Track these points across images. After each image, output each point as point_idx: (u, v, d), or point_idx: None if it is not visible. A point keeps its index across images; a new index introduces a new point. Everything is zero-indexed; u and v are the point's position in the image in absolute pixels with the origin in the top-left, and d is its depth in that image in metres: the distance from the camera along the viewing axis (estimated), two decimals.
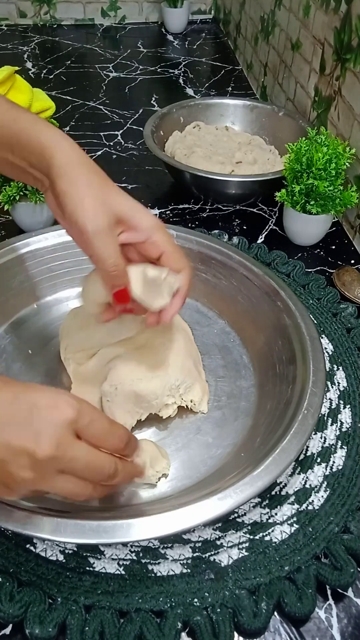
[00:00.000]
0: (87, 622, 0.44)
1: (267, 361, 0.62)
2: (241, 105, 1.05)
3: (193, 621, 0.44)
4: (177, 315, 0.64)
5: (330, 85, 0.90)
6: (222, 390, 0.62)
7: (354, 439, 0.57)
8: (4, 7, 1.68)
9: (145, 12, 1.74)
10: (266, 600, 0.45)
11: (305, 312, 0.61)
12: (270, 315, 0.63)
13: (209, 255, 0.69)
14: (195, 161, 0.90)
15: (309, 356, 0.56)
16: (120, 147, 1.09)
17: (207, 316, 0.70)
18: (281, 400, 0.55)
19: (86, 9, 1.71)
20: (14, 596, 0.45)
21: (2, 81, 0.99)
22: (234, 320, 0.69)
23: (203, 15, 1.78)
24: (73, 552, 0.48)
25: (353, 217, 0.85)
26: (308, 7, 0.98)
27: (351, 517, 0.51)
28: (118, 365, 0.56)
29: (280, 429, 0.50)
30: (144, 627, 0.44)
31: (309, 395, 0.52)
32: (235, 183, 0.87)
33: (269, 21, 1.22)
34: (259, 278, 0.66)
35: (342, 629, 0.45)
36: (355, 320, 0.70)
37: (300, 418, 0.50)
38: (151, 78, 1.40)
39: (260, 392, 0.61)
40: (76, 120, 1.18)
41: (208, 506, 0.44)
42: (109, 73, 1.41)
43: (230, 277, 0.68)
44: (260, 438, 0.53)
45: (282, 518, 0.51)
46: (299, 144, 0.77)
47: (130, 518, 0.44)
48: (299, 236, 0.82)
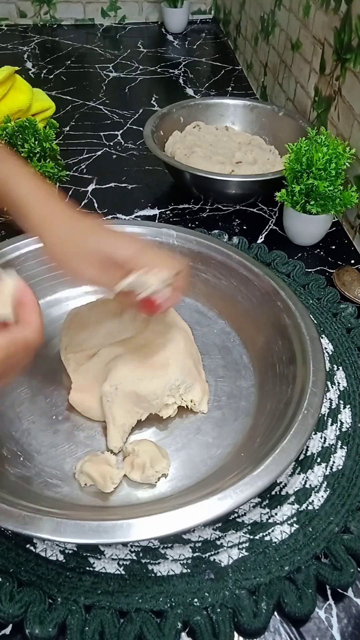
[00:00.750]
0: (87, 622, 0.44)
1: (267, 361, 0.62)
2: (241, 105, 1.05)
3: (193, 621, 0.44)
4: (177, 315, 0.64)
5: (330, 85, 0.90)
6: (222, 390, 0.62)
7: (354, 439, 0.57)
8: (4, 7, 1.68)
9: (145, 12, 1.74)
10: (266, 600, 0.45)
11: (305, 312, 0.61)
12: (270, 315, 0.63)
13: (209, 255, 0.69)
14: (195, 161, 0.90)
15: (309, 356, 0.56)
16: (120, 147, 1.09)
17: (207, 316, 0.70)
18: (281, 400, 0.55)
19: (86, 9, 1.71)
20: (14, 596, 0.45)
21: (2, 81, 0.99)
22: (234, 320, 0.69)
23: (203, 15, 1.78)
24: (73, 552, 0.48)
25: (353, 217, 0.85)
26: (308, 7, 0.98)
27: (351, 517, 0.51)
28: (118, 366, 0.56)
29: (280, 429, 0.50)
30: (144, 627, 0.44)
31: (309, 395, 0.52)
32: (235, 183, 0.87)
33: (269, 21, 1.22)
34: (259, 278, 0.66)
35: (342, 629, 0.45)
36: (355, 320, 0.70)
37: (300, 418, 0.50)
38: (151, 78, 1.40)
39: (260, 392, 0.61)
40: (76, 120, 1.18)
41: (208, 506, 0.44)
42: (109, 73, 1.41)
43: (230, 277, 0.68)
44: (260, 438, 0.53)
45: (282, 518, 0.51)
46: (299, 144, 0.77)
47: (130, 518, 0.44)
48: (299, 236, 0.82)
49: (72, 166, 1.02)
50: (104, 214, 0.89)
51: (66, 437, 0.57)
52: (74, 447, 0.56)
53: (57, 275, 0.70)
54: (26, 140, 0.83)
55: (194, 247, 0.70)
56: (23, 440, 0.56)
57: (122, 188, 0.97)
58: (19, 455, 0.55)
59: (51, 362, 0.63)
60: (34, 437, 0.57)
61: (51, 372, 0.62)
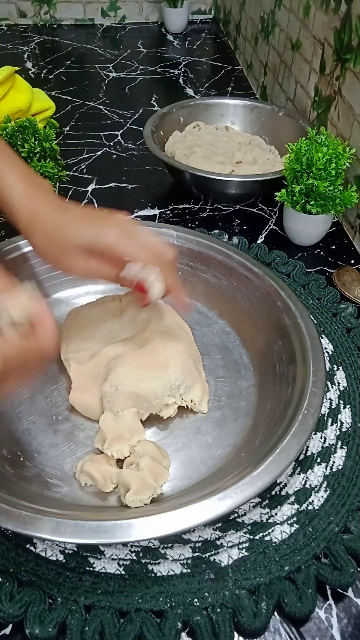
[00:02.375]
0: (87, 622, 0.44)
1: (267, 361, 0.62)
2: (241, 105, 1.05)
3: (193, 621, 0.44)
4: (177, 315, 0.64)
5: (330, 85, 0.90)
6: (222, 390, 0.62)
7: (354, 439, 0.57)
8: (4, 7, 1.68)
9: (145, 12, 1.74)
10: (266, 600, 0.45)
11: (305, 312, 0.61)
12: (271, 315, 0.63)
13: (209, 255, 0.69)
14: (195, 161, 0.90)
15: (309, 356, 0.56)
16: (120, 147, 1.09)
17: (207, 316, 0.70)
18: (281, 400, 0.55)
19: (86, 9, 1.71)
20: (14, 596, 0.45)
21: (2, 81, 0.99)
22: (234, 320, 0.69)
23: (203, 15, 1.78)
24: (73, 552, 0.48)
25: (353, 217, 0.85)
26: (308, 7, 0.98)
27: (351, 517, 0.51)
28: (118, 366, 0.56)
29: (280, 429, 0.50)
30: (144, 627, 0.44)
31: (309, 395, 0.52)
32: (235, 183, 0.87)
33: (269, 21, 1.22)
34: (259, 278, 0.65)
35: (342, 629, 0.45)
36: (355, 320, 0.70)
37: (300, 418, 0.50)
38: (151, 78, 1.40)
39: (260, 392, 0.61)
40: (76, 120, 1.18)
41: (208, 506, 0.44)
42: (109, 73, 1.41)
43: (230, 277, 0.68)
44: (260, 438, 0.53)
45: (282, 518, 0.51)
46: (299, 144, 0.77)
47: (130, 518, 0.44)
48: (299, 236, 0.82)
49: (72, 166, 1.02)
50: None
51: (66, 437, 0.57)
52: (74, 447, 0.56)
53: (58, 275, 0.71)
54: (26, 140, 0.83)
55: (194, 247, 0.70)
56: (23, 440, 0.56)
57: (122, 188, 0.97)
58: (19, 456, 0.55)
59: (51, 362, 0.63)
60: (34, 437, 0.57)
61: (51, 372, 0.62)
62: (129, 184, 0.98)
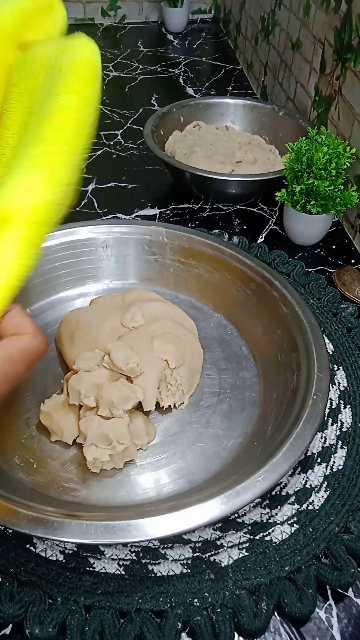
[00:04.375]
0: (87, 622, 0.44)
1: (267, 351, 0.62)
2: (241, 105, 1.05)
3: (193, 621, 0.44)
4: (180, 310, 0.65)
5: (330, 85, 0.90)
6: (226, 382, 0.62)
7: (354, 439, 0.57)
8: None
9: (145, 11, 1.74)
10: (266, 600, 0.45)
11: (301, 300, 0.62)
12: (267, 305, 0.63)
13: (200, 250, 0.70)
14: (195, 161, 0.90)
15: (310, 343, 0.56)
16: (120, 146, 1.09)
17: (202, 311, 0.70)
18: (288, 387, 0.56)
19: (86, 9, 1.71)
20: (14, 596, 0.45)
21: None
22: (230, 312, 0.69)
23: (203, 15, 1.78)
24: (73, 552, 0.48)
25: (353, 217, 0.85)
26: (308, 6, 0.98)
27: (351, 517, 0.51)
28: None
29: (292, 415, 0.51)
30: (144, 627, 0.44)
31: (315, 380, 0.53)
32: (236, 183, 0.87)
33: (269, 21, 1.22)
34: (251, 270, 0.66)
35: (342, 629, 0.45)
36: (356, 320, 0.70)
37: (311, 403, 0.51)
38: (151, 77, 1.40)
39: (265, 381, 0.61)
40: None
41: (229, 497, 0.44)
42: (109, 72, 1.41)
43: (222, 270, 0.68)
44: (272, 426, 0.54)
45: (283, 518, 0.51)
46: (299, 143, 0.77)
47: (130, 518, 0.43)
48: (299, 236, 0.82)
49: None
50: (104, 214, 0.89)
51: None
52: None
53: (58, 275, 0.71)
54: None
55: (184, 244, 0.70)
56: (34, 446, 0.55)
57: (122, 188, 0.97)
58: (32, 463, 0.54)
59: (53, 366, 0.63)
60: (44, 443, 0.56)
61: (54, 377, 0.62)
62: (129, 184, 0.98)
